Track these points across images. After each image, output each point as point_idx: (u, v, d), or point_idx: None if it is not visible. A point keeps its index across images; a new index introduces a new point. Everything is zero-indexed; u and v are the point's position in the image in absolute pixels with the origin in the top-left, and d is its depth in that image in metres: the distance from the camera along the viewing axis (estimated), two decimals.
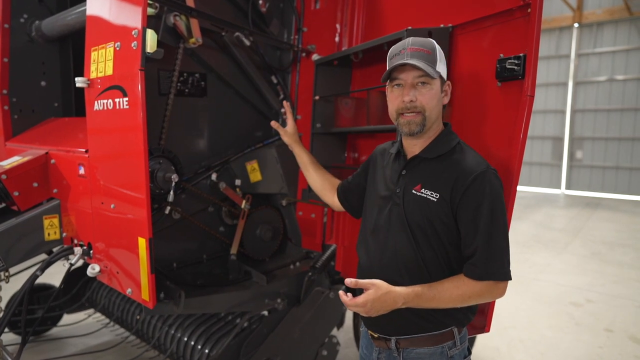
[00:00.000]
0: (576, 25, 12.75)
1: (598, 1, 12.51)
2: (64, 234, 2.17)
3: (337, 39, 2.55)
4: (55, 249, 2.19)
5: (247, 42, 2.33)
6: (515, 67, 1.56)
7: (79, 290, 3.30)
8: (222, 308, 2.12)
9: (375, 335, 1.46)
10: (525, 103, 1.54)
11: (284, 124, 2.67)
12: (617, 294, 4.80)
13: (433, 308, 1.32)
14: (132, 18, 1.56)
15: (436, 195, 1.33)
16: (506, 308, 4.23)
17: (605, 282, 5.21)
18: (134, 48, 1.55)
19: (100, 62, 1.74)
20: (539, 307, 4.40)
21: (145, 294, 1.66)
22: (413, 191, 1.38)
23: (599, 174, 12.70)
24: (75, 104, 2.84)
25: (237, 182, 2.41)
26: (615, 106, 12.32)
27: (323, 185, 1.84)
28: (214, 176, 2.30)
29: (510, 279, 1.32)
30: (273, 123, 2.01)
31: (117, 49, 1.64)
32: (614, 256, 6.33)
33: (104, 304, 3.11)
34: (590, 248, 6.76)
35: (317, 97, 2.37)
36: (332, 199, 1.82)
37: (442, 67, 1.38)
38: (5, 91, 2.60)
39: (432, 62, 1.34)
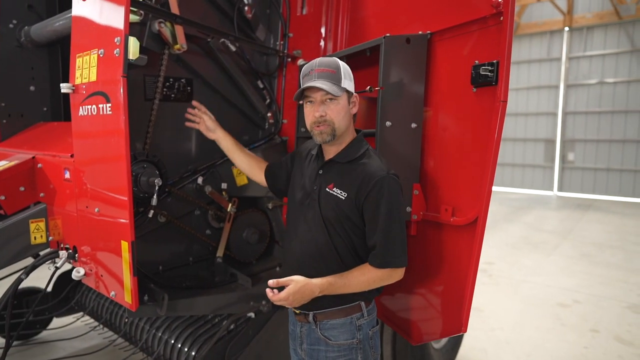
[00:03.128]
0: (567, 29, 12.90)
1: (588, 5, 12.66)
2: (51, 238, 2.19)
3: (322, 44, 2.59)
4: (41, 253, 2.20)
5: (233, 48, 2.36)
6: (489, 73, 1.61)
7: (68, 294, 3.31)
8: (206, 310, 2.15)
9: (297, 312, 1.69)
10: (498, 108, 1.59)
11: (269, 128, 2.72)
12: (604, 295, 4.86)
13: (344, 293, 1.57)
14: (115, 25, 1.59)
15: (344, 194, 1.57)
16: (494, 310, 4.28)
17: (592, 283, 5.27)
18: (117, 55, 1.58)
19: (85, 68, 1.77)
20: (526, 309, 4.45)
21: (128, 296, 1.69)
22: (327, 189, 1.62)
23: (591, 175, 12.82)
24: (63, 109, 2.86)
25: (224, 185, 2.44)
26: (606, 108, 12.46)
27: (250, 164, 2.03)
28: (200, 180, 2.33)
29: (405, 265, 1.59)
30: (194, 102, 2.08)
31: (101, 55, 1.66)
32: (602, 257, 6.41)
33: (92, 307, 3.12)
34: (579, 250, 6.83)
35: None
36: (260, 178, 2.00)
37: (347, 83, 1.58)
38: None
39: (337, 80, 1.55)
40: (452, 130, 1.82)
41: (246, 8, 2.46)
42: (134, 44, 1.59)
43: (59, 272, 2.85)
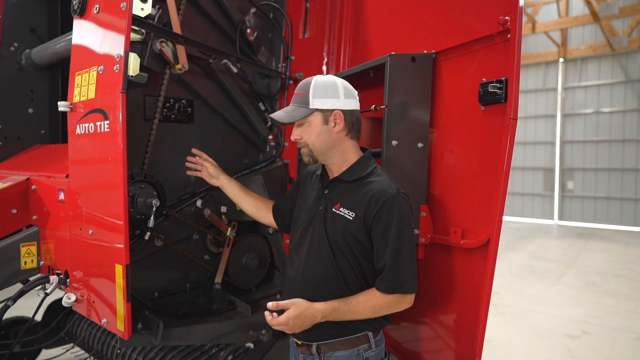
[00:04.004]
0: (561, 60, 13.14)
1: (581, 38, 12.95)
2: (42, 262, 2.09)
3: (324, 67, 2.58)
4: (31, 279, 2.10)
5: (235, 69, 2.34)
6: (498, 90, 1.57)
7: (58, 323, 3.17)
8: (204, 340, 2.04)
9: (299, 343, 1.59)
10: (508, 126, 1.54)
11: (270, 150, 2.67)
12: (613, 326, 4.71)
13: (349, 320, 1.47)
14: (116, 42, 1.56)
15: (352, 214, 1.49)
16: (502, 341, 4.12)
17: (601, 313, 5.12)
18: (116, 71, 1.54)
19: (84, 86, 1.73)
20: (535, 340, 4.29)
21: (120, 324, 1.59)
22: (333, 209, 1.53)
23: (591, 204, 12.76)
24: (62, 131, 2.82)
25: (223, 209, 2.37)
26: (603, 137, 12.54)
27: (258, 207, 1.93)
28: (199, 202, 2.26)
29: (416, 291, 1.48)
30: (194, 150, 1.98)
31: (100, 72, 1.63)
32: (609, 287, 6.26)
33: (83, 337, 2.98)
34: (584, 279, 6.69)
35: None
36: (269, 219, 1.91)
37: (319, 102, 1.51)
38: None
39: (304, 103, 1.52)
40: (459, 149, 1.77)
41: (248, 30, 2.46)
42: (134, 60, 1.56)
43: (49, 299, 2.73)
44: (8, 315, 2.47)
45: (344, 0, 2.48)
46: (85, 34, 1.76)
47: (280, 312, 1.41)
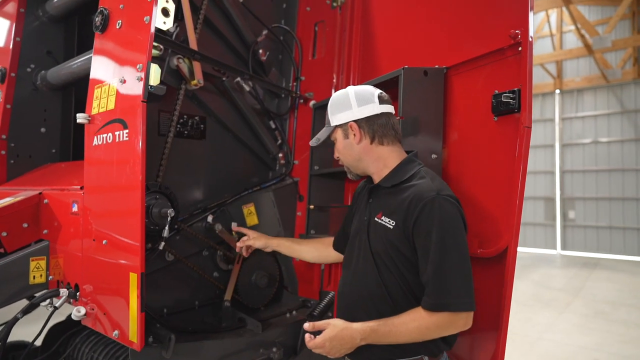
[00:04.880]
0: (558, 91, 13.41)
1: (576, 70, 13.27)
2: (51, 277, 2.06)
3: (333, 87, 2.63)
4: (38, 294, 2.07)
5: (247, 88, 2.39)
6: (511, 100, 1.60)
7: (58, 348, 3.08)
8: (214, 356, 1.98)
9: None
10: (523, 134, 1.56)
11: (280, 168, 2.69)
12: (626, 354, 4.60)
13: (394, 343, 1.31)
14: (138, 53, 1.60)
15: (392, 223, 1.38)
16: None
17: (612, 341, 5.00)
18: (138, 81, 1.58)
19: (103, 98, 1.77)
20: None
21: (133, 335, 1.55)
22: (376, 219, 1.45)
23: (593, 233, 12.69)
24: (73, 150, 2.84)
25: (234, 225, 2.36)
26: (603, 167, 12.62)
27: (318, 250, 1.92)
28: (210, 218, 2.25)
29: (472, 309, 1.30)
30: (235, 228, 2.18)
31: (121, 83, 1.67)
32: (618, 315, 6.15)
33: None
34: (592, 307, 6.58)
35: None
36: (335, 255, 1.86)
37: (337, 118, 1.51)
38: (4, 136, 2.61)
39: (328, 123, 1.54)
40: (473, 160, 1.79)
41: (260, 51, 2.52)
42: (155, 70, 1.60)
43: (51, 323, 2.67)
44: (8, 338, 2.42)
45: (353, 22, 2.56)
46: (107, 48, 1.81)
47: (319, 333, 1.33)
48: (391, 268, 1.38)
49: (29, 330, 1.92)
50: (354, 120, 1.50)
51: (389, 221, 1.39)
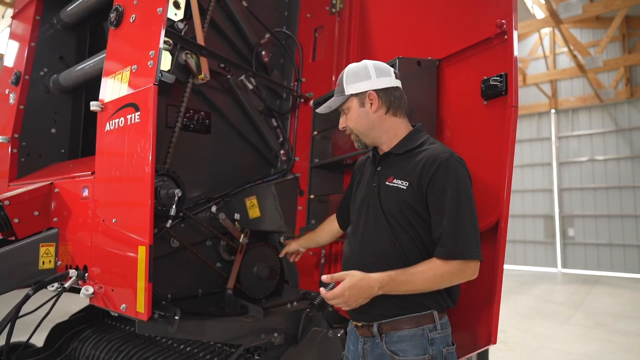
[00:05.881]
0: (553, 111, 13.65)
1: (570, 90, 13.54)
2: (59, 263, 2.13)
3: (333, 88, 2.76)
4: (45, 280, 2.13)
5: (251, 86, 2.52)
6: (499, 83, 1.71)
7: (60, 347, 3.10)
8: (217, 337, 2.03)
9: (359, 324, 1.52)
10: (511, 113, 1.67)
11: (282, 165, 2.78)
12: None
13: (409, 293, 1.38)
14: (151, 41, 1.72)
15: (405, 184, 1.46)
16: None
17: (614, 350, 4.99)
18: (150, 66, 1.69)
19: (116, 86, 1.88)
20: None
21: (140, 305, 1.61)
22: (387, 183, 1.52)
23: (594, 251, 12.68)
24: (81, 150, 2.95)
25: (236, 216, 2.44)
26: (600, 184, 12.72)
27: (331, 230, 2.03)
28: (214, 208, 2.34)
29: (480, 259, 1.40)
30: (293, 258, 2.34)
31: (134, 70, 1.78)
32: (619, 327, 6.12)
33: (86, 359, 2.91)
34: (594, 319, 6.55)
35: (315, 133, 2.51)
36: (340, 230, 1.97)
37: (353, 87, 1.58)
38: (16, 135, 2.72)
39: (340, 92, 1.60)
40: (465, 143, 1.88)
41: (263, 53, 2.66)
42: (167, 56, 1.71)
43: (52, 323, 2.70)
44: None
45: (350, 27, 2.71)
46: (121, 41, 1.93)
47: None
48: (405, 227, 1.44)
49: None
50: (374, 90, 1.57)
51: (402, 182, 1.46)
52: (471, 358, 2.96)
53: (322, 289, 1.36)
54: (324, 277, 1.37)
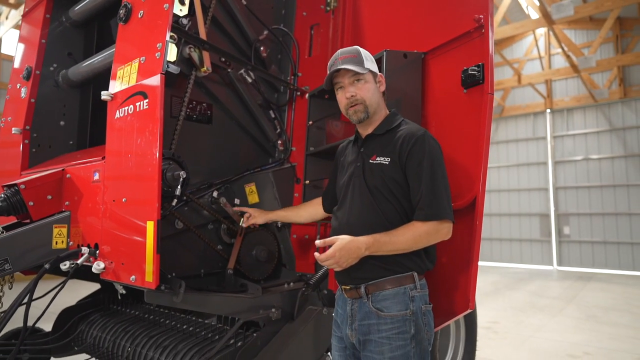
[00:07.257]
0: (548, 110, 13.84)
1: (565, 90, 13.73)
2: (71, 243, 2.28)
3: None
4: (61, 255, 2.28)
5: (250, 79, 2.68)
6: (476, 73, 1.88)
7: (68, 330, 3.25)
8: (219, 310, 2.18)
9: (348, 287, 1.69)
10: (487, 100, 1.83)
11: (279, 155, 2.94)
12: (614, 348, 4.73)
13: (392, 252, 1.55)
14: (158, 34, 1.88)
15: (387, 159, 1.65)
16: None
17: (602, 338, 5.14)
18: (157, 57, 1.85)
19: (125, 77, 2.04)
20: (536, 359, 4.31)
21: (149, 275, 1.76)
22: (370, 161, 1.70)
23: (588, 249, 12.84)
24: (89, 142, 3.10)
25: (237, 201, 2.59)
26: (595, 183, 12.89)
27: (307, 210, 2.20)
28: (215, 193, 2.49)
29: (453, 220, 1.59)
30: (237, 208, 2.49)
31: (142, 62, 1.94)
32: (609, 318, 6.28)
33: (92, 341, 3.05)
34: (585, 312, 6.71)
35: (310, 122, 2.67)
36: (323, 213, 2.12)
37: (370, 64, 1.74)
38: (28, 127, 2.88)
39: (360, 63, 1.71)
40: (447, 128, 2.04)
41: (262, 48, 2.82)
42: (173, 48, 1.87)
43: (60, 307, 2.84)
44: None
45: (344, 24, 2.87)
46: (129, 35, 2.09)
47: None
48: (388, 197, 1.63)
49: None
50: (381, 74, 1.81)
51: (384, 159, 1.66)
52: (461, 347, 3.11)
53: (316, 253, 1.53)
54: (318, 242, 1.52)
